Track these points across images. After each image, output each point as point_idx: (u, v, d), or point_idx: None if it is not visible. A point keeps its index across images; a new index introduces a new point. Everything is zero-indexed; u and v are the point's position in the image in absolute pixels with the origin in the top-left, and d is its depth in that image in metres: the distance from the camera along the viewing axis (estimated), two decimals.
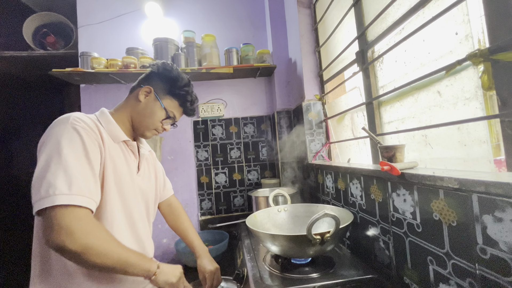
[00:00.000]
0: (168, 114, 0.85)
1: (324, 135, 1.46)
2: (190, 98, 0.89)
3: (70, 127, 0.65)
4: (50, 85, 2.66)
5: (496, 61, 0.54)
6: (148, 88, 0.83)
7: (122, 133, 0.79)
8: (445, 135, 0.73)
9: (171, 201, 1.08)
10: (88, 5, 1.85)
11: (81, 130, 0.65)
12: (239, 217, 1.74)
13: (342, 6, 1.21)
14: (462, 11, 0.64)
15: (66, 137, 0.63)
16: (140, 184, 0.85)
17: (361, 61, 1.05)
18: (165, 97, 0.85)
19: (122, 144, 0.80)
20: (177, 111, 0.89)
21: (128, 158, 0.81)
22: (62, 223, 0.56)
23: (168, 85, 0.85)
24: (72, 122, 0.66)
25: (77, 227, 0.57)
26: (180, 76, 0.87)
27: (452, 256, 0.57)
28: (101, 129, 0.73)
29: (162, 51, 1.66)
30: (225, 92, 1.92)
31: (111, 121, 0.78)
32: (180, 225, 1.05)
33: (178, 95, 0.86)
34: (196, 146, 1.86)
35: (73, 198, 0.58)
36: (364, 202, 0.90)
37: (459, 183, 0.52)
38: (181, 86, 0.86)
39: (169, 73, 0.86)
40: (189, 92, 0.89)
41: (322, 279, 0.75)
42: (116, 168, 0.74)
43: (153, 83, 0.85)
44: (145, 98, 0.83)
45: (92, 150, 0.66)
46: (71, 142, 0.63)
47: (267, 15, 1.91)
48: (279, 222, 1.08)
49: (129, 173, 0.79)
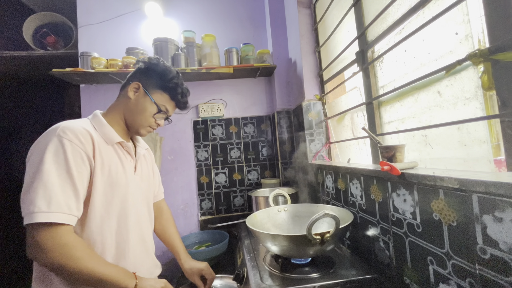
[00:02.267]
0: (159, 108, 0.84)
1: (324, 135, 1.46)
2: (181, 90, 0.88)
3: (57, 139, 0.65)
4: (50, 85, 2.66)
5: (496, 61, 0.54)
6: (137, 84, 0.82)
7: (115, 135, 0.79)
8: (445, 135, 0.73)
9: (161, 205, 1.08)
10: (88, 5, 1.85)
11: (67, 143, 0.65)
12: (239, 217, 1.74)
13: (342, 6, 1.21)
14: (462, 11, 0.64)
15: (50, 151, 0.64)
16: (138, 184, 0.85)
17: (361, 61, 1.05)
18: (155, 91, 0.84)
19: (116, 145, 0.80)
20: (169, 105, 0.87)
21: (124, 159, 0.81)
22: (38, 240, 0.59)
23: (156, 79, 0.84)
24: (59, 134, 0.66)
25: (51, 246, 0.59)
26: (168, 69, 0.86)
27: (452, 256, 0.56)
28: (93, 135, 0.72)
29: (162, 51, 1.66)
30: (225, 92, 1.92)
31: (104, 123, 0.78)
32: (167, 230, 1.05)
33: (168, 88, 0.85)
34: (196, 146, 1.86)
35: (52, 216, 0.59)
36: (364, 202, 0.90)
37: (459, 183, 0.52)
38: (169, 79, 0.85)
39: (155, 66, 0.85)
40: (179, 84, 0.87)
41: (322, 279, 0.75)
42: (110, 171, 0.74)
43: (141, 78, 0.84)
44: (135, 95, 0.83)
45: (76, 164, 0.66)
46: (55, 157, 0.64)
47: (267, 15, 1.91)
48: (279, 222, 1.08)
49: (124, 174, 0.79)
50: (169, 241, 1.04)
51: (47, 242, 0.59)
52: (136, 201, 0.82)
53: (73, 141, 0.67)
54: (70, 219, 0.63)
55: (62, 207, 0.61)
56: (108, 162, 0.74)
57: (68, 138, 0.66)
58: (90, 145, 0.70)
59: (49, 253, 0.59)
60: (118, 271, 0.69)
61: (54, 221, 0.59)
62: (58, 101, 2.87)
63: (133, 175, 0.83)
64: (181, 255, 1.01)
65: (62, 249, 0.60)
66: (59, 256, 0.60)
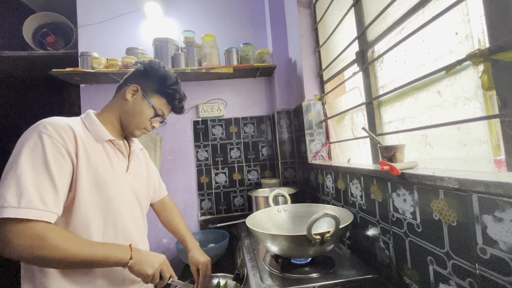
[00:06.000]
0: (156, 112, 0.84)
1: (324, 135, 1.46)
2: (179, 96, 0.88)
3: (36, 134, 0.64)
4: (50, 85, 2.66)
5: (496, 61, 0.54)
6: (135, 86, 0.82)
7: (106, 133, 0.78)
8: (445, 135, 0.73)
9: (164, 199, 1.10)
10: (88, 5, 1.85)
11: (46, 139, 0.64)
12: (239, 217, 1.74)
13: (342, 6, 1.21)
14: (462, 11, 0.64)
15: (28, 146, 0.63)
16: (131, 183, 0.84)
17: (361, 61, 1.05)
18: (153, 95, 0.84)
19: (107, 144, 0.79)
20: (165, 109, 0.88)
21: (113, 158, 0.79)
22: (7, 235, 0.57)
23: (155, 83, 0.84)
24: (40, 129, 0.65)
25: (17, 242, 0.58)
26: (168, 75, 0.86)
27: (452, 256, 0.56)
28: (77, 132, 0.71)
29: (162, 51, 1.66)
30: (225, 92, 1.92)
31: (95, 121, 0.78)
32: (172, 221, 1.07)
33: (166, 94, 0.85)
34: (196, 146, 1.86)
35: (21, 212, 0.58)
36: (364, 202, 0.90)
37: (459, 183, 0.52)
38: (169, 85, 0.85)
39: (156, 71, 0.84)
40: (177, 91, 0.87)
41: (322, 279, 0.75)
42: (97, 170, 0.73)
43: (140, 81, 0.84)
44: (133, 97, 0.82)
45: (55, 159, 0.64)
46: (32, 152, 0.62)
47: (267, 15, 1.91)
48: (279, 222, 1.08)
49: (114, 173, 0.77)
50: (175, 230, 1.06)
51: (13, 238, 0.57)
52: (127, 201, 0.81)
53: (53, 136, 0.65)
54: (44, 216, 0.60)
55: (34, 203, 0.59)
56: (95, 160, 0.73)
57: (48, 133, 0.65)
58: (72, 141, 0.68)
59: (18, 248, 0.58)
60: (108, 248, 0.69)
61: (24, 217, 0.58)
62: (58, 101, 2.86)
63: (124, 174, 0.82)
64: (188, 243, 1.02)
65: (33, 241, 0.58)
66: (29, 248, 0.58)
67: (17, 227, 0.58)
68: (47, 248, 0.60)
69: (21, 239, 0.58)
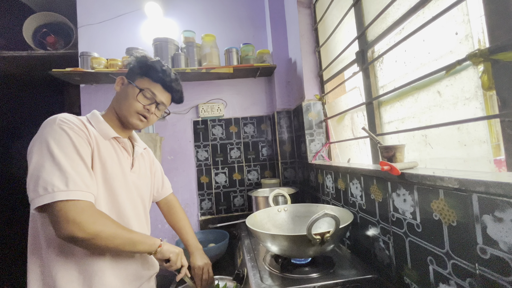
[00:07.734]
0: (140, 88, 0.81)
1: (324, 135, 1.46)
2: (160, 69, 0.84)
3: (58, 127, 0.67)
4: (50, 85, 2.65)
5: (496, 61, 0.54)
6: (121, 78, 0.85)
7: (111, 130, 0.80)
8: (445, 135, 0.73)
9: (169, 199, 1.11)
10: (88, 5, 1.85)
11: (68, 130, 0.68)
12: (239, 217, 1.74)
13: (342, 6, 1.21)
14: (462, 11, 0.64)
15: (54, 138, 0.66)
16: (135, 181, 0.85)
17: (361, 61, 1.05)
18: (137, 78, 0.84)
19: (113, 141, 0.82)
20: (154, 88, 0.84)
21: (120, 155, 0.82)
22: (68, 215, 0.61)
23: (137, 68, 0.85)
24: (59, 123, 0.68)
25: (82, 218, 0.62)
26: (148, 56, 0.87)
27: (452, 256, 0.56)
28: (89, 128, 0.75)
29: (162, 51, 1.66)
30: (225, 92, 1.92)
31: (100, 120, 0.81)
32: (177, 223, 1.09)
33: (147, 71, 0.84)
34: (196, 146, 1.86)
35: (72, 194, 0.62)
36: (364, 202, 0.90)
37: (459, 183, 0.52)
38: (147, 63, 0.84)
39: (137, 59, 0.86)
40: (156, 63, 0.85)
41: (322, 279, 0.75)
42: (106, 164, 0.75)
43: (128, 73, 0.86)
44: (121, 87, 0.85)
45: (82, 146, 0.69)
46: (60, 142, 0.66)
47: (267, 15, 1.91)
48: (279, 222, 1.08)
49: (120, 169, 0.80)
50: (179, 234, 1.08)
51: (77, 216, 0.61)
52: (130, 198, 0.82)
53: (73, 128, 0.70)
54: (89, 196, 0.66)
55: (79, 185, 0.64)
56: (105, 155, 0.76)
57: (69, 126, 0.69)
58: (87, 133, 0.73)
59: (84, 224, 0.62)
60: (142, 234, 0.77)
61: (75, 198, 0.62)
62: (58, 101, 2.86)
63: (129, 172, 0.84)
64: (189, 248, 1.05)
65: (94, 219, 0.64)
66: (94, 225, 0.63)
67: (73, 207, 0.62)
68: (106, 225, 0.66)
69: (85, 215, 0.63)
